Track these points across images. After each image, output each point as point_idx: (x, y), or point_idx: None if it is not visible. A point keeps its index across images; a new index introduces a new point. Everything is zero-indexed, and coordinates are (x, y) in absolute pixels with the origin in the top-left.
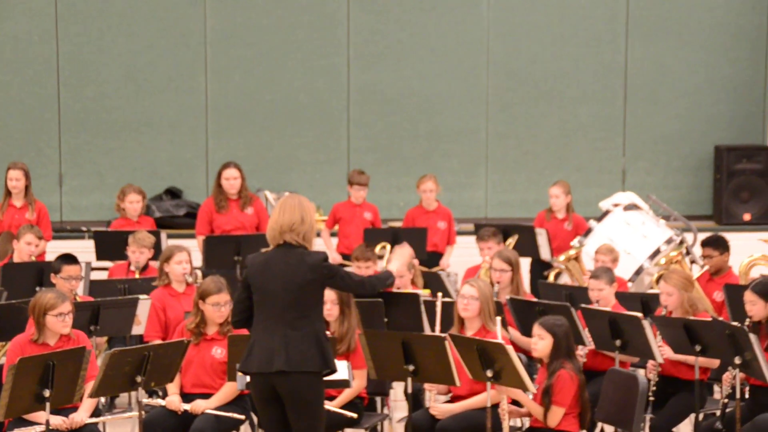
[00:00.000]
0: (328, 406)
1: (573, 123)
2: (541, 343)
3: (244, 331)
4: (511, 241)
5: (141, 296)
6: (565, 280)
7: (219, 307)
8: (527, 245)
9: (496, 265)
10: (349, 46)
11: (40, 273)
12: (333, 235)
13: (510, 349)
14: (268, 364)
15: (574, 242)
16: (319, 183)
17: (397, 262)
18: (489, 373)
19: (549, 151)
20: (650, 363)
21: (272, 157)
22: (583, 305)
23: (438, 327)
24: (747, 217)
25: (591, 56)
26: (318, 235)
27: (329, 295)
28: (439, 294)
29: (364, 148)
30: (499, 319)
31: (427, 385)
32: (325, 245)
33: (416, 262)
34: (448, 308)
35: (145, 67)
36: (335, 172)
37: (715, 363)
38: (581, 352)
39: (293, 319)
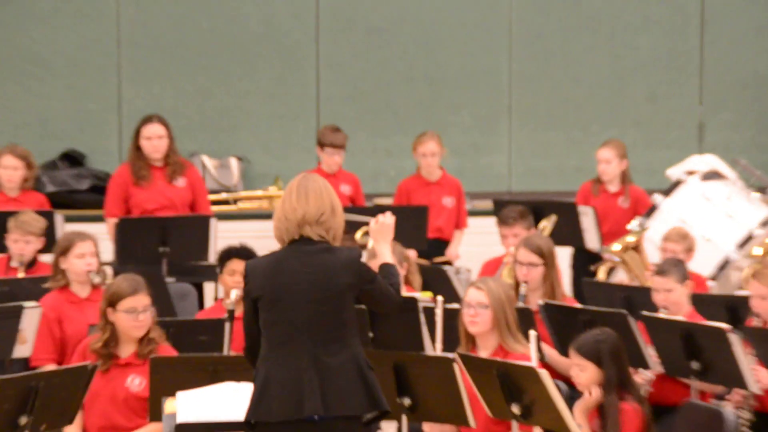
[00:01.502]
0: None
1: (629, 60)
2: (583, 375)
3: (171, 351)
4: (546, 224)
5: (27, 303)
6: (620, 277)
7: (135, 314)
8: (567, 229)
9: (523, 258)
10: None
11: None
12: None
13: (544, 374)
14: (296, 407)
15: (633, 225)
16: (278, 145)
17: (383, 245)
18: (515, 409)
19: (596, 99)
20: (740, 393)
21: (212, 108)
22: (645, 312)
23: (439, 344)
24: None
25: None
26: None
27: None
28: (440, 298)
29: (339, 96)
30: (533, 334)
31: (427, 426)
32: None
33: (413, 253)
34: (455, 318)
35: None
36: (299, 130)
37: None
38: (644, 378)
39: (324, 341)
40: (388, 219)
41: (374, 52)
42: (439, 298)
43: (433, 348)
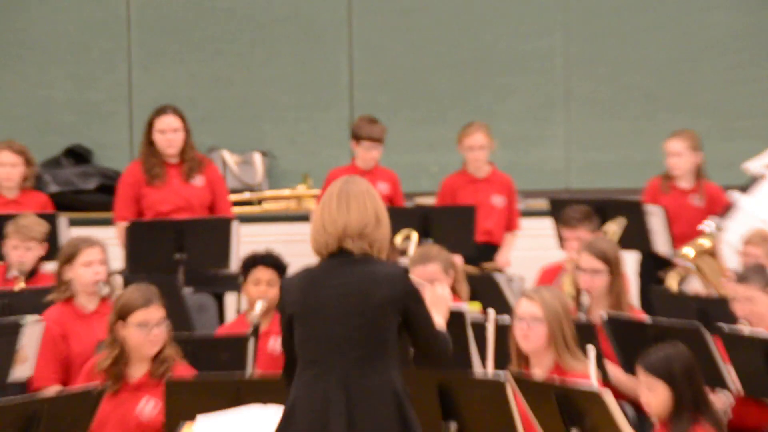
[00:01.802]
0: None
1: (701, 38)
2: (653, 397)
3: (188, 371)
4: (615, 227)
5: (27, 317)
6: (694, 285)
7: (148, 329)
8: (634, 232)
9: (586, 264)
10: None
11: None
12: None
13: (608, 397)
14: (321, 431)
15: (708, 225)
16: (307, 138)
17: (437, 313)
18: None
19: (664, 83)
20: None
21: (232, 98)
22: (723, 325)
23: (491, 362)
24: None
25: None
26: (307, 218)
27: None
28: (491, 311)
29: (374, 83)
30: (591, 350)
31: None
32: None
33: (459, 259)
34: (506, 333)
35: None
36: (331, 122)
37: None
38: (723, 401)
39: (357, 361)
40: (443, 290)
41: (413, 34)
42: (491, 311)
43: (483, 367)
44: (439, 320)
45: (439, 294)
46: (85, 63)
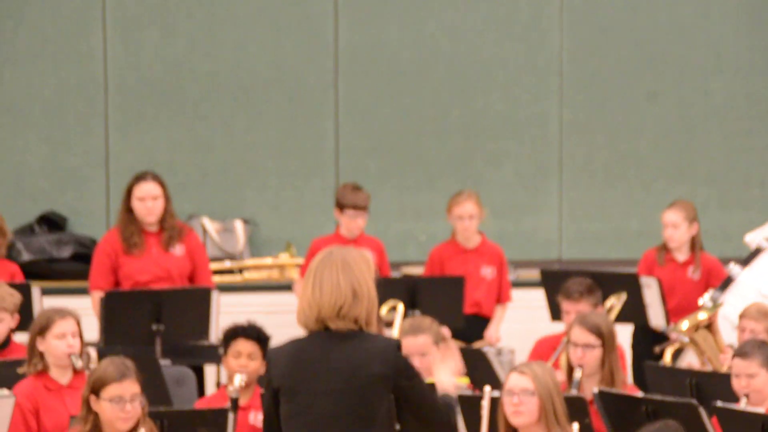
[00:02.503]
0: None
1: (700, 106)
2: None
3: None
4: (615, 302)
5: None
6: (689, 360)
7: (122, 404)
8: (628, 304)
9: (578, 338)
10: None
11: None
12: None
13: None
14: None
15: (705, 299)
16: (290, 206)
17: (446, 376)
18: None
19: (661, 152)
20: None
21: (213, 164)
22: (720, 404)
23: None
24: None
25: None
26: (290, 288)
27: None
28: (487, 388)
29: (361, 148)
30: (576, 427)
31: None
32: None
33: (447, 332)
34: (493, 408)
35: (4, 20)
36: (316, 189)
37: None
38: None
39: None
40: (452, 358)
41: (401, 99)
42: (487, 388)
43: None
44: (446, 377)
45: (446, 361)
46: (61, 127)
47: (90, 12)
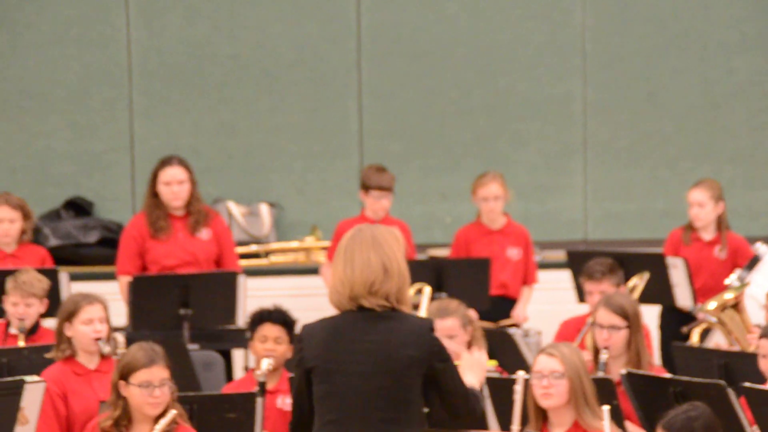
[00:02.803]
0: None
1: (723, 84)
2: None
3: None
4: (638, 282)
5: (28, 378)
6: (717, 340)
7: (151, 389)
8: (655, 285)
9: (603, 320)
10: None
11: None
12: None
13: None
14: None
15: (732, 279)
16: (315, 188)
17: (474, 377)
18: None
19: (685, 131)
20: None
21: (237, 147)
22: (748, 384)
23: (517, 425)
24: None
25: None
26: (316, 271)
27: None
28: (521, 373)
29: (384, 131)
30: (606, 409)
31: None
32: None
33: (474, 314)
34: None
35: (27, 4)
36: (340, 172)
37: None
38: None
39: (381, 423)
40: (480, 356)
41: (425, 80)
42: (521, 374)
43: (502, 428)
44: (472, 380)
45: (476, 358)
46: (86, 112)
47: None
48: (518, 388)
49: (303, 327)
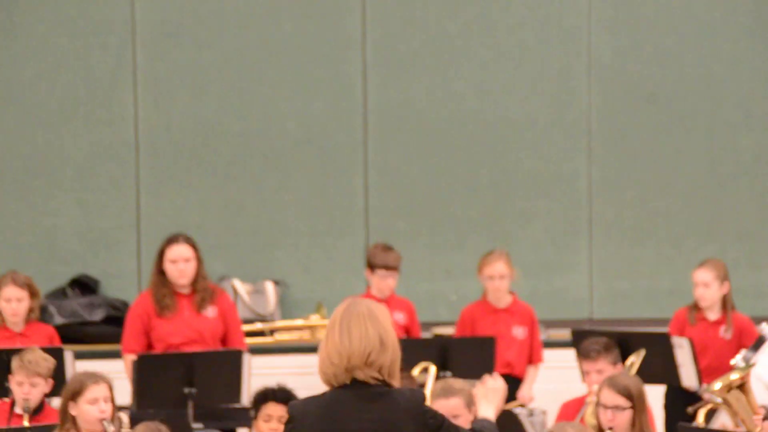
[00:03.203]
0: None
1: (730, 162)
2: None
3: None
4: (635, 360)
5: None
6: (723, 420)
7: None
8: (660, 364)
9: (607, 400)
10: (365, 43)
11: None
12: None
13: None
14: None
15: (737, 359)
16: (320, 266)
17: (489, 405)
18: None
19: (691, 209)
20: None
21: (244, 225)
22: None
23: None
24: None
25: (756, 55)
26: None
27: None
28: None
29: (390, 208)
30: None
31: None
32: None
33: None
34: None
35: (36, 82)
36: (346, 249)
37: None
38: None
39: None
40: (497, 383)
41: (431, 157)
42: None
43: None
44: (486, 410)
45: (492, 386)
46: (92, 189)
47: (121, 74)
48: None
49: (292, 405)
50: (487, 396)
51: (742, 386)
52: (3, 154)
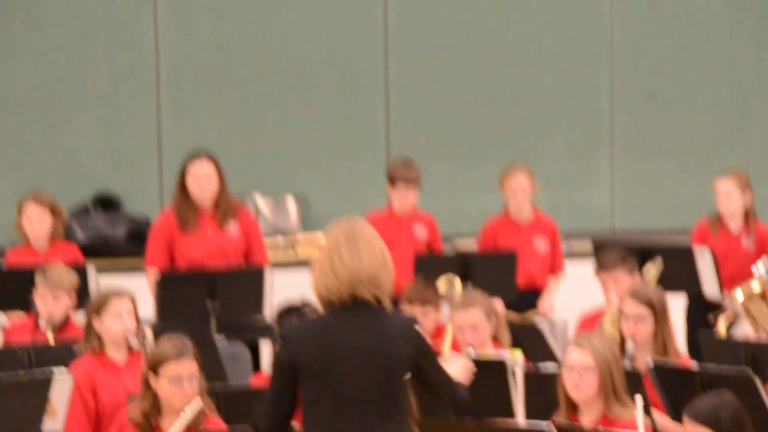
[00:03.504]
0: None
1: (751, 75)
2: None
3: (220, 424)
4: (652, 269)
5: (56, 371)
6: (744, 329)
7: (180, 382)
8: (681, 274)
9: (629, 310)
10: None
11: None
12: None
13: None
14: None
15: (758, 268)
16: (341, 182)
17: (454, 370)
18: None
19: (713, 121)
20: None
21: (265, 142)
22: None
23: (521, 407)
24: None
25: None
26: None
27: None
28: (519, 356)
29: (411, 123)
30: (639, 400)
31: None
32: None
33: (500, 306)
34: (549, 381)
35: (57, 5)
36: (367, 165)
37: None
38: None
39: (377, 420)
40: (464, 362)
41: (452, 73)
42: (518, 355)
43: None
44: (456, 372)
45: (456, 361)
46: (114, 110)
47: None
48: (518, 371)
49: (286, 327)
50: (454, 365)
51: (765, 294)
52: (26, 77)
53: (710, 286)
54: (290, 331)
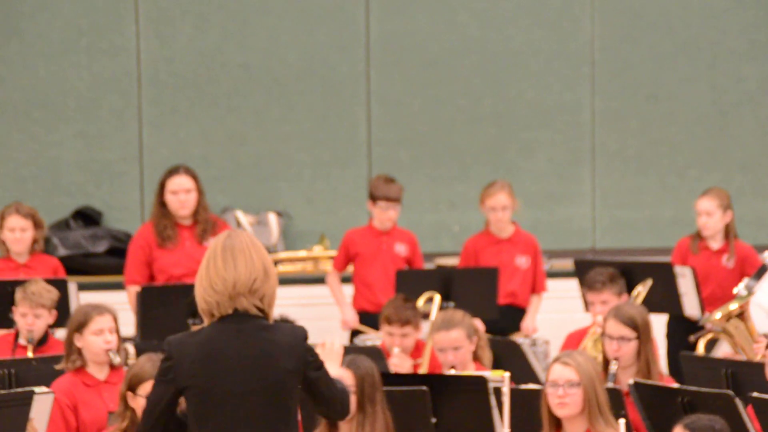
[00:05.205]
0: None
1: (732, 92)
2: None
3: None
4: (641, 290)
5: (37, 389)
6: (724, 349)
7: None
8: (662, 294)
9: (613, 331)
10: None
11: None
12: (345, 280)
13: None
14: None
15: (740, 288)
16: (324, 197)
17: (331, 364)
18: None
19: (694, 139)
20: None
21: (247, 157)
22: (756, 394)
23: (507, 429)
24: None
25: None
26: (324, 281)
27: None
28: (506, 375)
29: (393, 139)
30: (623, 423)
31: None
32: (335, 298)
33: (481, 325)
34: (531, 399)
35: (38, 13)
36: (349, 180)
37: None
38: None
39: None
40: (336, 347)
41: (434, 88)
42: (506, 376)
43: None
44: (333, 368)
45: (330, 347)
46: (95, 121)
47: (123, 5)
48: (505, 390)
49: (169, 342)
50: (329, 357)
51: (742, 315)
52: (5, 86)
53: (691, 306)
54: (171, 347)
